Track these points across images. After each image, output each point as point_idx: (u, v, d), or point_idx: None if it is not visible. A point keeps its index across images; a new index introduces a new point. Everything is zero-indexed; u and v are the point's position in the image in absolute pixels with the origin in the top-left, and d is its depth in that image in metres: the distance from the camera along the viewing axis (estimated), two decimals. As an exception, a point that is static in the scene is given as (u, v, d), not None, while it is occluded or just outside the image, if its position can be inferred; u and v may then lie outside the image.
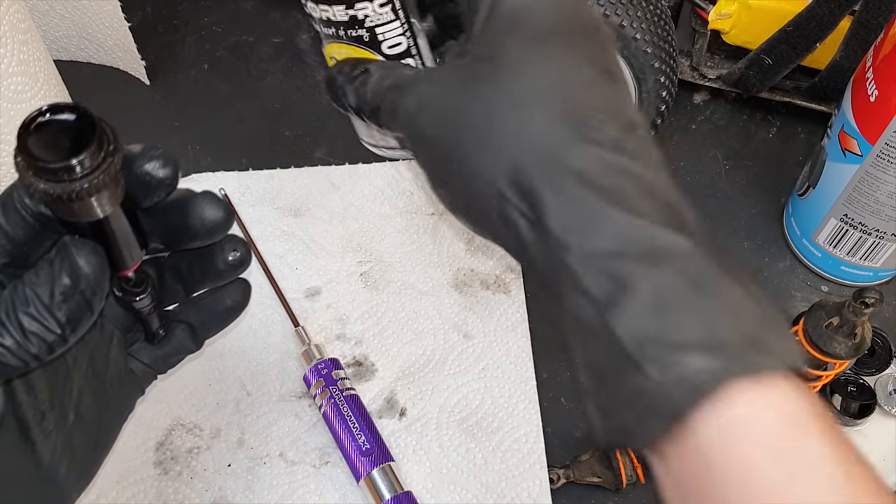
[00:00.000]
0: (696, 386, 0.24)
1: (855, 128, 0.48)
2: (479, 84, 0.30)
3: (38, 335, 0.29)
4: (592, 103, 0.29)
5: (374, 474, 0.45)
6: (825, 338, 0.44)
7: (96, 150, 0.27)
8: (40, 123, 0.27)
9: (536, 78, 0.29)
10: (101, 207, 0.28)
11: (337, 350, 0.51)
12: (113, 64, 0.66)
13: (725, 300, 0.25)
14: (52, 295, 0.28)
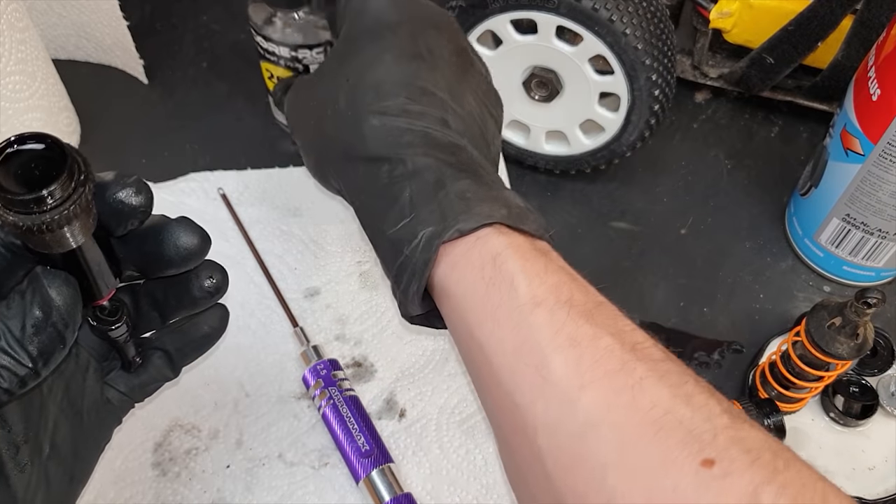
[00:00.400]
0: (428, 248, 0.34)
1: (857, 127, 0.48)
2: (327, 71, 0.42)
3: (10, 369, 0.28)
4: (385, 78, 0.38)
5: (374, 476, 0.44)
6: (827, 338, 0.43)
7: (67, 181, 0.26)
8: (8, 154, 0.26)
9: (356, 65, 0.39)
10: (73, 238, 0.28)
11: (336, 351, 0.51)
12: (111, 63, 0.66)
13: (456, 190, 0.35)
14: (23, 328, 0.28)
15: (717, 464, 0.25)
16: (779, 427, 0.46)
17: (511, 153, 0.60)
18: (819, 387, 0.47)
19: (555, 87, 0.54)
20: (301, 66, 0.54)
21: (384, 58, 0.39)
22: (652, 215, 0.60)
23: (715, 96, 0.66)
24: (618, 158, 0.57)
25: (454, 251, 0.34)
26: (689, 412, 0.27)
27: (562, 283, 0.32)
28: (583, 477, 0.27)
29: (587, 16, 0.49)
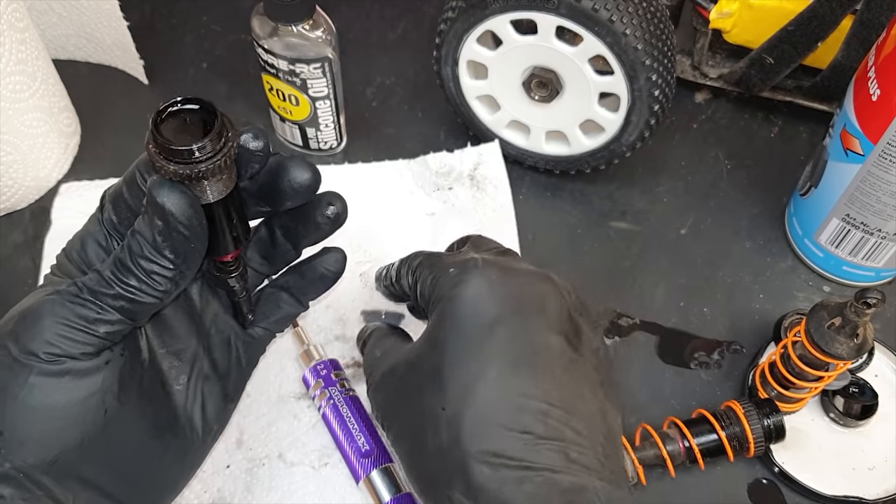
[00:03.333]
0: None
1: (857, 127, 0.48)
2: (415, 385, 0.38)
3: (159, 273, 0.33)
4: (490, 412, 0.34)
5: (374, 476, 0.44)
6: (827, 338, 0.43)
7: (216, 139, 0.31)
8: (171, 112, 0.31)
9: (452, 389, 0.35)
10: (210, 193, 0.32)
11: (336, 351, 0.51)
12: (111, 63, 0.66)
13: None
14: (154, 237, 0.32)
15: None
16: (779, 427, 0.46)
17: (511, 153, 0.60)
18: (819, 387, 0.47)
19: (555, 87, 0.54)
20: (299, 79, 0.54)
21: (485, 377, 0.35)
22: (652, 215, 0.60)
23: (715, 96, 0.66)
24: (618, 159, 0.57)
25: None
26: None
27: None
28: None
29: (587, 16, 0.49)
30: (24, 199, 0.58)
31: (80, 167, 0.60)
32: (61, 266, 0.36)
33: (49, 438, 0.32)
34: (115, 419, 0.34)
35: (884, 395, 0.49)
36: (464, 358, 0.36)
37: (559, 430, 0.34)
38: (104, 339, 0.33)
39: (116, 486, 0.35)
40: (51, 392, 0.32)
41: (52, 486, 0.32)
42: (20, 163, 0.55)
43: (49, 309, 0.32)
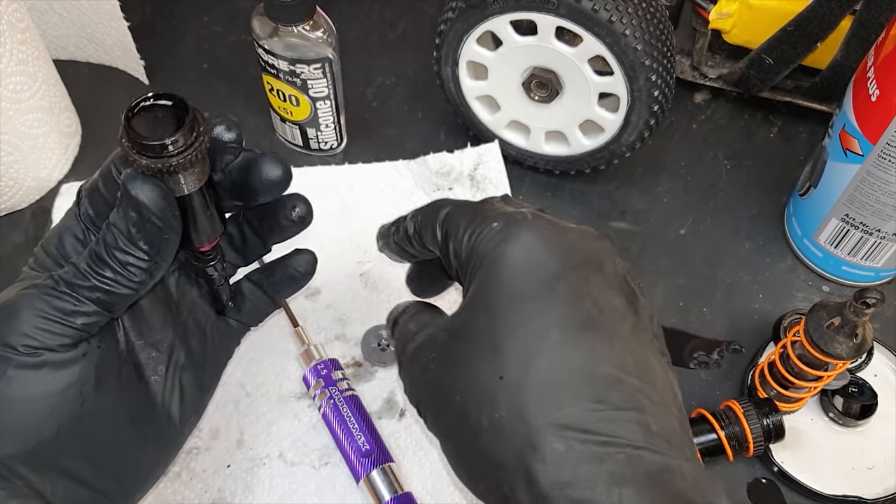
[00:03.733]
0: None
1: (856, 127, 0.48)
2: (461, 355, 0.32)
3: (133, 264, 0.33)
4: (558, 374, 0.30)
5: (374, 475, 0.44)
6: (826, 338, 0.44)
7: (188, 133, 0.31)
8: (143, 107, 0.31)
9: (510, 354, 0.31)
10: (186, 185, 0.33)
11: (337, 350, 0.51)
12: (112, 63, 0.66)
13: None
14: (128, 229, 0.32)
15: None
16: (778, 427, 0.46)
17: (511, 154, 0.60)
18: (818, 387, 0.47)
19: (555, 87, 0.54)
20: (299, 80, 0.54)
21: (549, 338, 0.30)
22: (651, 215, 0.60)
23: (714, 97, 0.66)
24: (617, 159, 0.57)
25: None
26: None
27: None
28: None
29: (587, 17, 0.49)
30: (25, 200, 0.58)
31: (80, 167, 0.60)
32: (39, 260, 0.36)
33: (27, 429, 0.33)
34: (93, 410, 0.34)
35: (883, 394, 0.49)
36: (522, 319, 0.31)
37: (637, 400, 0.29)
38: (81, 330, 0.33)
39: (94, 475, 0.35)
40: (28, 384, 0.32)
41: (29, 476, 0.33)
42: (21, 163, 0.56)
43: (26, 302, 0.33)
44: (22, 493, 0.32)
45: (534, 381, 0.30)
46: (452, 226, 0.35)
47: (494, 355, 0.31)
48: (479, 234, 0.33)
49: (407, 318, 0.38)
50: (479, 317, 0.32)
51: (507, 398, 0.30)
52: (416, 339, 0.36)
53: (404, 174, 0.60)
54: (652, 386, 0.30)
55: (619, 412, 0.29)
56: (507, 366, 0.30)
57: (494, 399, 0.30)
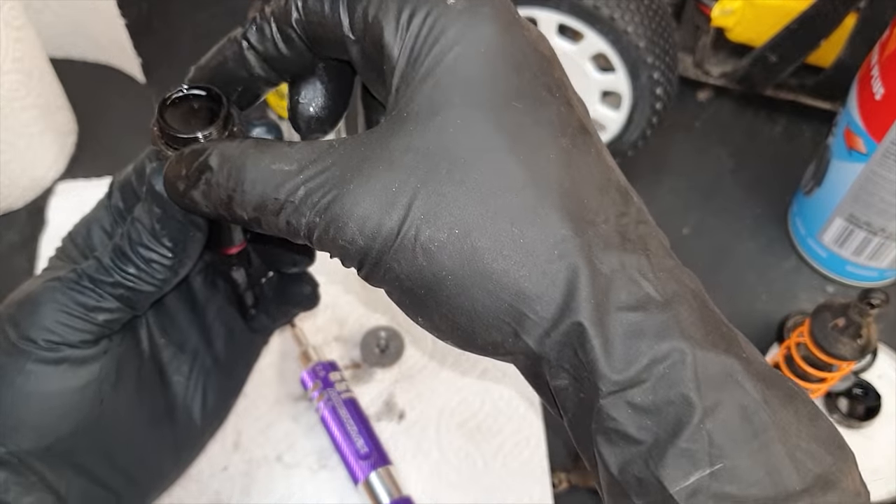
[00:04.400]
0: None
1: (861, 126, 0.47)
2: (440, 185, 0.24)
3: (157, 262, 0.32)
4: (587, 198, 0.25)
5: (373, 478, 0.44)
6: (830, 339, 0.43)
7: (221, 128, 0.29)
8: (176, 99, 0.30)
9: (511, 178, 0.24)
10: None
11: (335, 352, 0.51)
12: (108, 61, 0.66)
13: (782, 431, 0.23)
14: (152, 225, 0.31)
15: None
16: (782, 429, 0.45)
17: (511, 152, 0.60)
18: (823, 388, 0.47)
19: (555, 85, 0.54)
20: None
21: (561, 150, 0.25)
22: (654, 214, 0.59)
23: (717, 95, 0.66)
24: (619, 157, 0.57)
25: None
26: None
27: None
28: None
29: (589, 13, 0.48)
30: (21, 199, 0.57)
31: (76, 166, 0.60)
32: (65, 250, 0.36)
33: (44, 425, 0.32)
34: (111, 408, 0.34)
35: (888, 396, 0.49)
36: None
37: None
38: (103, 326, 0.33)
39: (110, 475, 0.35)
40: (47, 380, 0.32)
41: (45, 472, 0.32)
42: (16, 162, 0.55)
43: (49, 296, 0.32)
44: (37, 488, 0.32)
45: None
46: (379, 4, 0.26)
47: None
48: (432, 14, 0.25)
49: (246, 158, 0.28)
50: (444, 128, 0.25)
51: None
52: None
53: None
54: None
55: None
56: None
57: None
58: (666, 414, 0.23)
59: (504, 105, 0.25)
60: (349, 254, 0.25)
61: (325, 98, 0.31)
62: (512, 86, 0.25)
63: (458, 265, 0.24)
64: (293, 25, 0.28)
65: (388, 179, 0.24)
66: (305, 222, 0.25)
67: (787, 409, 0.24)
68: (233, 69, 0.31)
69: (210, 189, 0.27)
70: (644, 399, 0.23)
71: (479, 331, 0.25)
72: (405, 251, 0.25)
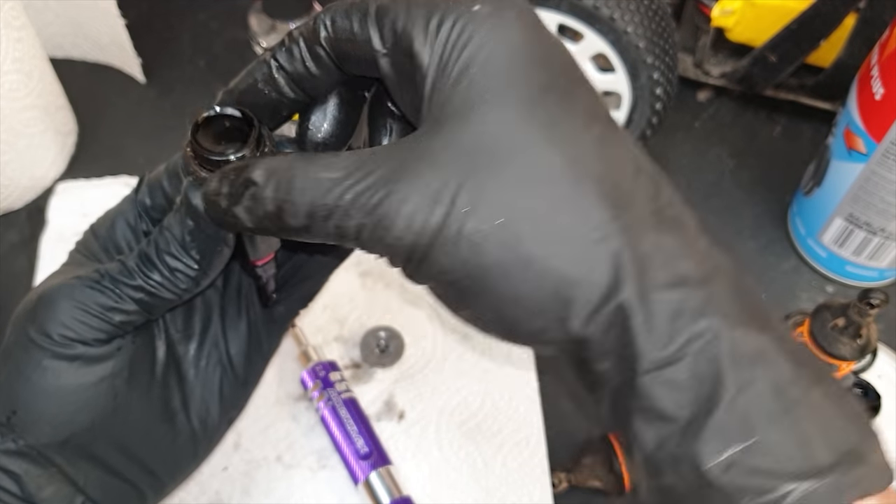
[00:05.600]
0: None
1: (860, 126, 0.48)
2: (485, 181, 0.25)
3: (182, 272, 0.32)
4: (622, 183, 0.26)
5: (373, 478, 0.44)
6: (830, 339, 0.43)
7: (253, 148, 0.30)
8: (208, 118, 0.30)
9: (550, 169, 0.25)
10: None
11: (336, 351, 0.51)
12: (108, 61, 0.66)
13: (812, 408, 0.24)
14: (183, 236, 0.32)
15: None
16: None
17: (511, 152, 0.60)
18: (822, 388, 0.47)
19: (555, 85, 0.54)
20: None
21: (593, 141, 0.27)
22: (653, 215, 0.59)
23: (717, 95, 0.66)
24: (619, 158, 0.57)
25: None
26: None
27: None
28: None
29: (588, 14, 0.48)
30: (21, 199, 0.58)
31: (76, 166, 0.60)
32: (87, 243, 0.36)
33: (60, 420, 0.33)
34: (126, 403, 0.35)
35: (887, 396, 0.49)
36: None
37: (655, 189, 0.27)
38: (118, 327, 0.33)
39: (127, 467, 0.35)
40: (62, 375, 0.33)
41: (63, 465, 0.33)
42: (16, 162, 0.55)
43: (68, 292, 0.33)
44: (56, 480, 0.33)
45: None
46: (408, 16, 0.27)
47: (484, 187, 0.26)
48: (460, 21, 0.26)
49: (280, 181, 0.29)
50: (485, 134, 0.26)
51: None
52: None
53: (404, 173, 0.59)
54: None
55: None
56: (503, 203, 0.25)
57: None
58: (701, 390, 0.24)
59: (536, 99, 0.26)
60: (397, 251, 0.26)
61: (333, 125, 0.32)
62: (542, 80, 0.26)
63: (502, 254, 0.25)
64: (322, 44, 0.29)
65: (430, 177, 0.25)
66: (354, 224, 0.27)
67: (817, 387, 0.25)
68: (262, 91, 0.31)
69: (256, 204, 0.28)
70: (681, 376, 0.24)
71: (524, 319, 0.26)
72: (451, 244, 0.25)
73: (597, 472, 0.46)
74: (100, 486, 0.34)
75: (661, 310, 0.25)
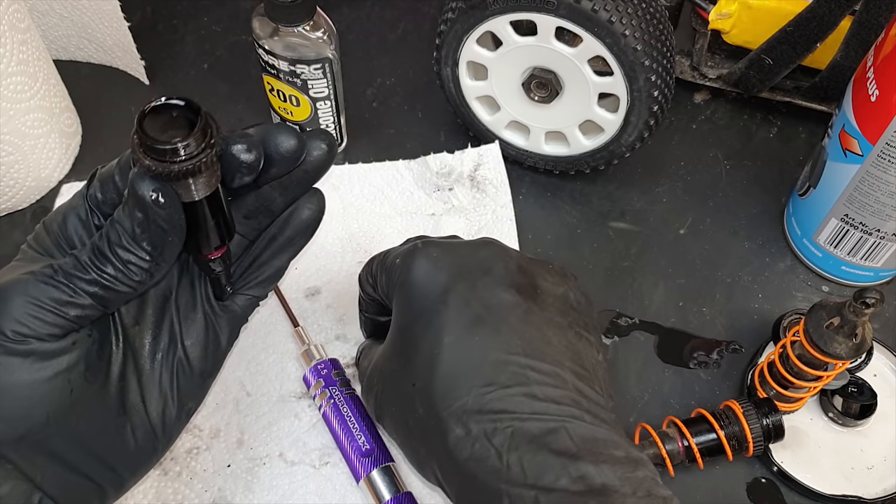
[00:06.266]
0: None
1: (856, 127, 0.48)
2: (391, 372, 0.39)
3: (135, 264, 0.33)
4: (451, 370, 0.35)
5: (374, 475, 0.45)
6: (826, 338, 0.44)
7: (199, 139, 0.31)
8: (156, 107, 0.31)
9: (418, 364, 0.37)
10: (196, 191, 0.32)
11: (337, 350, 0.51)
12: (112, 63, 0.66)
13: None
14: (133, 228, 0.32)
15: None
16: (777, 427, 0.46)
17: (511, 154, 0.60)
18: (818, 386, 0.47)
19: (554, 87, 0.55)
20: (299, 80, 0.54)
21: (443, 343, 0.36)
22: (651, 215, 0.60)
23: (714, 97, 0.67)
24: (617, 159, 0.57)
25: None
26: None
27: None
28: None
29: (586, 17, 0.49)
30: (25, 200, 0.58)
31: (81, 168, 0.60)
32: (38, 238, 0.36)
33: (15, 416, 0.33)
34: (82, 397, 0.34)
35: (882, 394, 0.49)
36: (422, 332, 0.37)
37: (522, 375, 0.35)
38: (73, 322, 0.33)
39: (84, 462, 0.35)
40: (16, 371, 0.32)
41: (19, 462, 0.33)
42: (21, 163, 0.56)
43: (21, 288, 0.33)
44: (11, 477, 0.33)
45: (437, 381, 0.35)
46: (377, 273, 0.41)
47: (407, 367, 0.37)
48: (389, 272, 0.40)
49: (362, 357, 0.45)
50: (396, 339, 0.39)
51: (420, 401, 0.36)
52: (367, 371, 0.42)
53: (404, 174, 0.60)
54: (540, 359, 0.35)
55: (507, 389, 0.34)
56: (416, 374, 0.36)
57: (414, 405, 0.36)
58: None
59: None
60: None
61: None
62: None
63: None
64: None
65: None
66: None
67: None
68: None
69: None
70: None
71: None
72: None
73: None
74: (58, 483, 0.34)
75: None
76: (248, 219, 0.40)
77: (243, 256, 0.41)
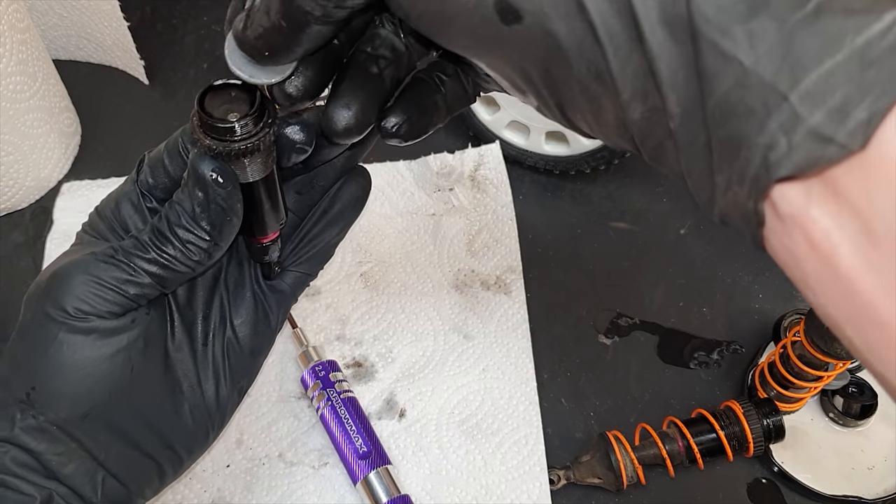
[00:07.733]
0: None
1: (856, 127, 0.48)
2: None
3: (194, 243, 0.33)
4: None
5: (371, 477, 0.44)
6: (827, 338, 0.44)
7: (257, 119, 0.31)
8: (216, 87, 0.32)
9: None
10: (251, 172, 0.33)
11: (337, 351, 0.51)
12: (112, 63, 0.66)
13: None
14: (193, 208, 0.33)
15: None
16: (778, 427, 0.46)
17: (511, 153, 0.60)
18: (818, 387, 0.47)
19: (554, 87, 0.54)
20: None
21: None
22: (651, 215, 0.60)
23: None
24: (617, 159, 0.57)
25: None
26: None
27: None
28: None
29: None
30: (25, 199, 0.58)
31: (80, 167, 0.60)
32: (93, 224, 0.36)
33: (79, 394, 0.34)
34: (142, 375, 0.35)
35: (883, 394, 0.49)
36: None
37: None
38: (132, 300, 0.34)
39: (147, 440, 0.36)
40: (79, 349, 0.33)
41: (83, 439, 0.34)
42: (21, 163, 0.56)
43: (83, 267, 0.33)
44: (77, 455, 0.33)
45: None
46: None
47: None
48: None
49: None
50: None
51: None
52: None
53: (405, 174, 0.60)
54: None
55: None
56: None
57: None
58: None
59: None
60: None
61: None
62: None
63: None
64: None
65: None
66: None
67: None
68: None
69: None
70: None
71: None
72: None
73: (595, 470, 0.47)
74: (120, 461, 0.35)
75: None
76: (300, 194, 0.40)
77: (293, 236, 0.41)
